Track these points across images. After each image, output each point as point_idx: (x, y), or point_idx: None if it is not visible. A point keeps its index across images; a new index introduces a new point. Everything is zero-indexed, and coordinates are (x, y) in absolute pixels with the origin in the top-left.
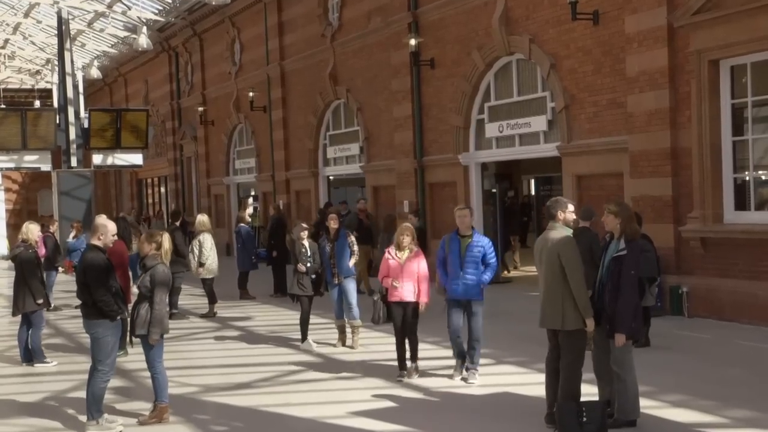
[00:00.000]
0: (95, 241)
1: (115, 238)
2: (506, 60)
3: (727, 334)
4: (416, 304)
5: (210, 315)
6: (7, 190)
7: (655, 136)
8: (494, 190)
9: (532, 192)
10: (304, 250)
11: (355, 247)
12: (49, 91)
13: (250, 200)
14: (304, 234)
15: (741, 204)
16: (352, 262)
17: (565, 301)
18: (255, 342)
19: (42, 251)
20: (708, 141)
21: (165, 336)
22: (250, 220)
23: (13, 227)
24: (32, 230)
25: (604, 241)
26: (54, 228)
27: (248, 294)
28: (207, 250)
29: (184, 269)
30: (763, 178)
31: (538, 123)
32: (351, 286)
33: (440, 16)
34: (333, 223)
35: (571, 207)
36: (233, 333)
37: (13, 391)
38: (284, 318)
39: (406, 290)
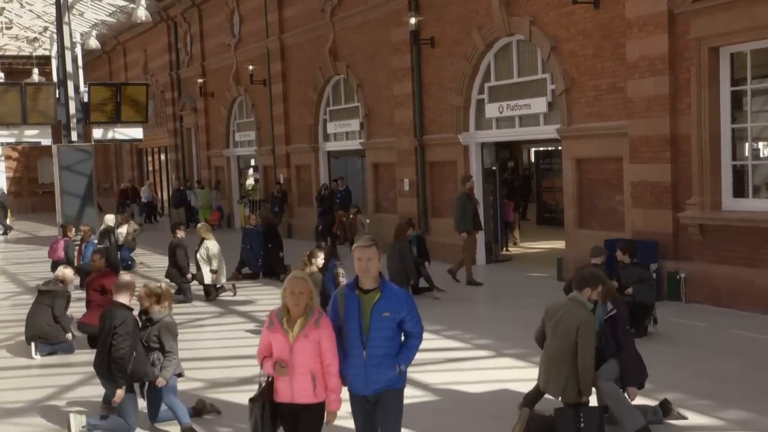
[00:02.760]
0: (121, 299)
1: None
2: (506, 41)
3: (723, 321)
4: (318, 409)
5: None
6: (7, 158)
7: (654, 122)
8: (494, 168)
9: (532, 161)
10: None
11: (341, 279)
12: (47, 58)
13: (251, 171)
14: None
15: (739, 191)
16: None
17: (570, 377)
18: (258, 331)
19: (60, 254)
20: (707, 128)
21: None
22: (258, 222)
23: (14, 195)
24: (68, 275)
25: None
26: (72, 234)
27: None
28: (215, 256)
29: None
30: (762, 165)
31: (538, 105)
32: None
33: None
34: (320, 259)
35: (600, 288)
36: (236, 319)
37: (19, 385)
38: None
39: (299, 386)
